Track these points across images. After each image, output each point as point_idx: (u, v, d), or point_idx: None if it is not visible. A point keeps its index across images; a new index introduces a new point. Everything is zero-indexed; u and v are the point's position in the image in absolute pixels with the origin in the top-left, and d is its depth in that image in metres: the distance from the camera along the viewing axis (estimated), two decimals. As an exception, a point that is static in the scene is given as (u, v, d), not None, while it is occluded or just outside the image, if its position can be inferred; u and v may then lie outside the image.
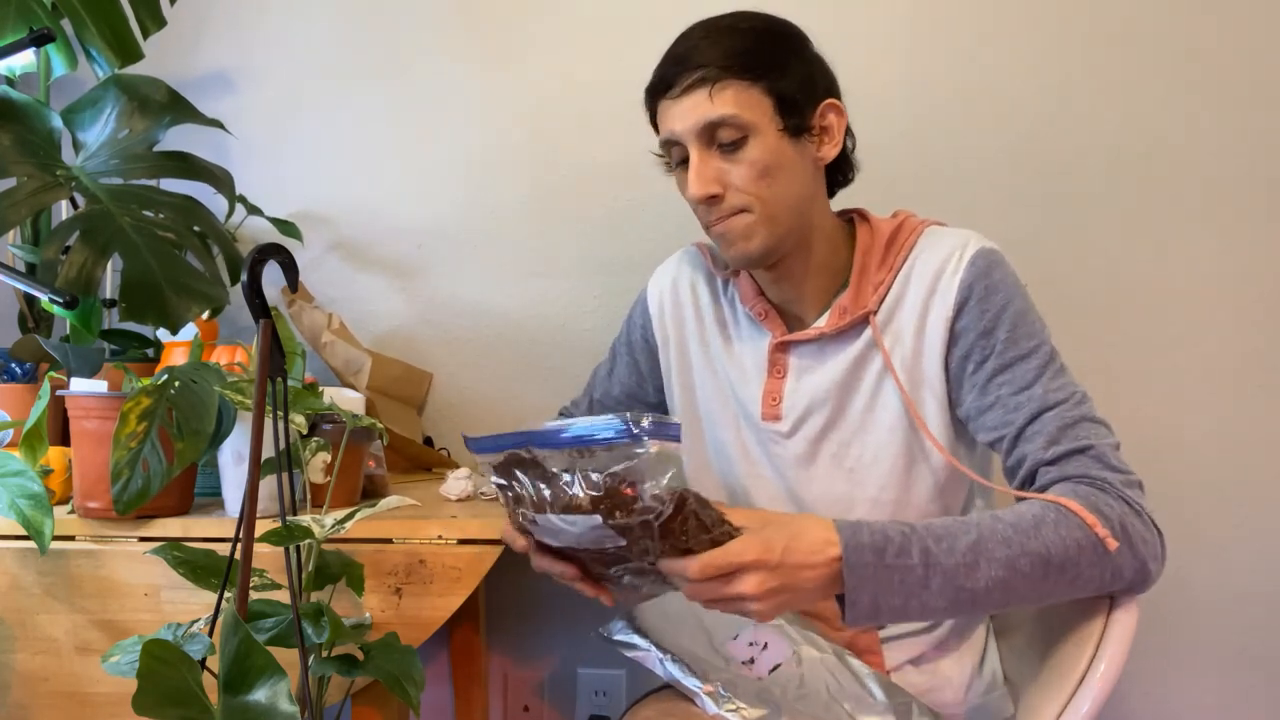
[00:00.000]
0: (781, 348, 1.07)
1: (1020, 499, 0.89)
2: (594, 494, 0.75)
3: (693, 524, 0.78)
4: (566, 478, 0.76)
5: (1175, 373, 1.48)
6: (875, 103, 1.05)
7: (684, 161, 1.00)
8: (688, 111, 0.97)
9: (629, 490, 0.74)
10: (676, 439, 0.75)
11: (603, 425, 0.74)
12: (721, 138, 0.96)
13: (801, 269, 1.04)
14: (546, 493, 0.78)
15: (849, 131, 1.04)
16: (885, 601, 0.82)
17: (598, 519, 0.76)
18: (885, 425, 1.02)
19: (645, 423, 0.73)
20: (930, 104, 1.52)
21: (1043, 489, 0.90)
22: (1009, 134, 1.51)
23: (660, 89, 1.00)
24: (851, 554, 0.81)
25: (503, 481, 0.82)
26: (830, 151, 1.02)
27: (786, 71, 0.98)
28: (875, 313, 1.01)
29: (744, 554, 0.79)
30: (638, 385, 1.22)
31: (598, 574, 0.89)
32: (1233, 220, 1.47)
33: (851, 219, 1.09)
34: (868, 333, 1.02)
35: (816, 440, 1.05)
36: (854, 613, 0.82)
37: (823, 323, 1.04)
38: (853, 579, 0.81)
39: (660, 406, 1.22)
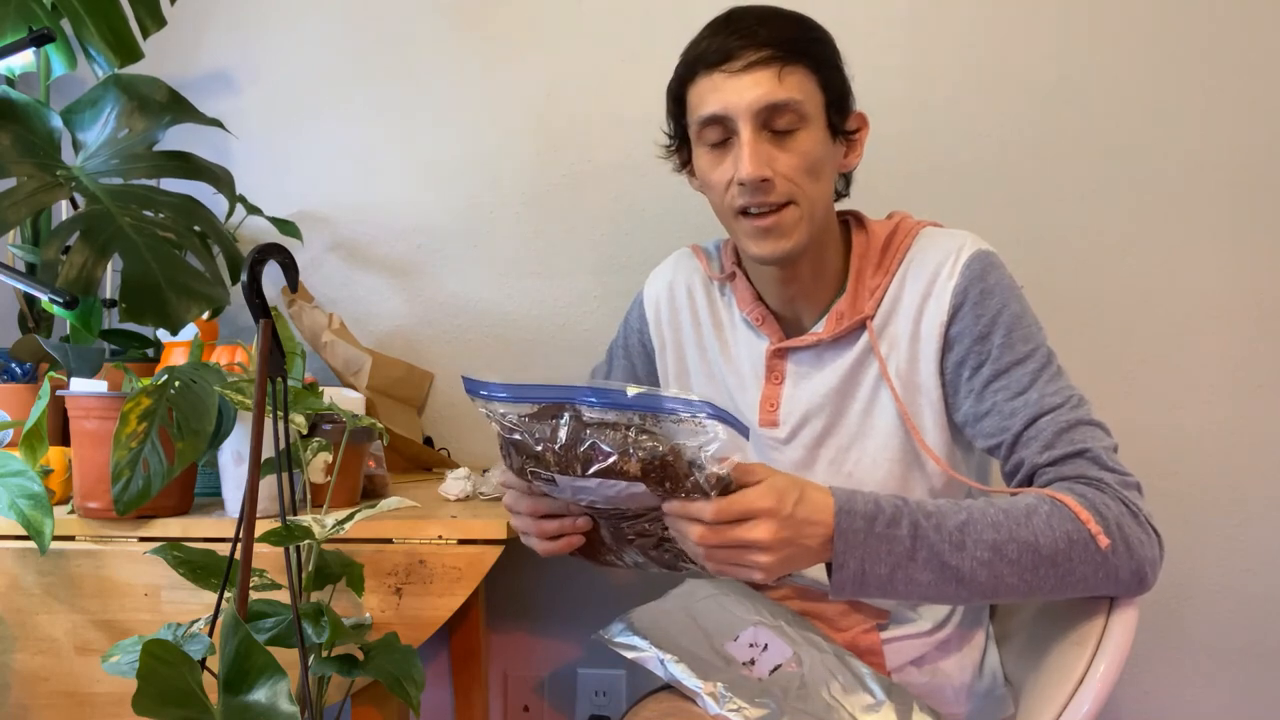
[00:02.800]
0: (779, 354, 1.06)
1: (1016, 494, 0.89)
2: (646, 461, 0.74)
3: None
4: (616, 440, 0.74)
5: (1175, 373, 1.48)
6: (875, 102, 1.05)
7: (718, 143, 0.97)
8: (750, 88, 0.92)
9: (686, 467, 0.74)
10: (745, 434, 0.77)
11: (677, 399, 0.73)
12: (778, 123, 0.94)
13: (810, 272, 1.03)
14: (583, 450, 0.75)
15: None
16: (871, 569, 0.82)
17: (641, 487, 0.75)
18: (883, 431, 1.01)
19: (717, 409, 0.73)
20: (929, 103, 1.52)
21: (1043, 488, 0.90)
22: (1008, 134, 1.51)
23: (714, 60, 0.94)
24: (843, 519, 0.82)
25: (520, 436, 0.79)
26: (853, 160, 1.02)
27: (837, 71, 0.98)
28: (872, 318, 1.01)
29: (761, 500, 0.79)
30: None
31: (598, 539, 0.89)
32: (1232, 220, 1.47)
33: (846, 222, 1.08)
34: (864, 338, 1.01)
35: (814, 446, 1.04)
36: (840, 576, 0.83)
37: (820, 328, 1.03)
38: (841, 543, 0.82)
39: (657, 409, 1.22)
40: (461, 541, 1.07)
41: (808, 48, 0.95)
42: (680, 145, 1.05)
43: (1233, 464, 1.47)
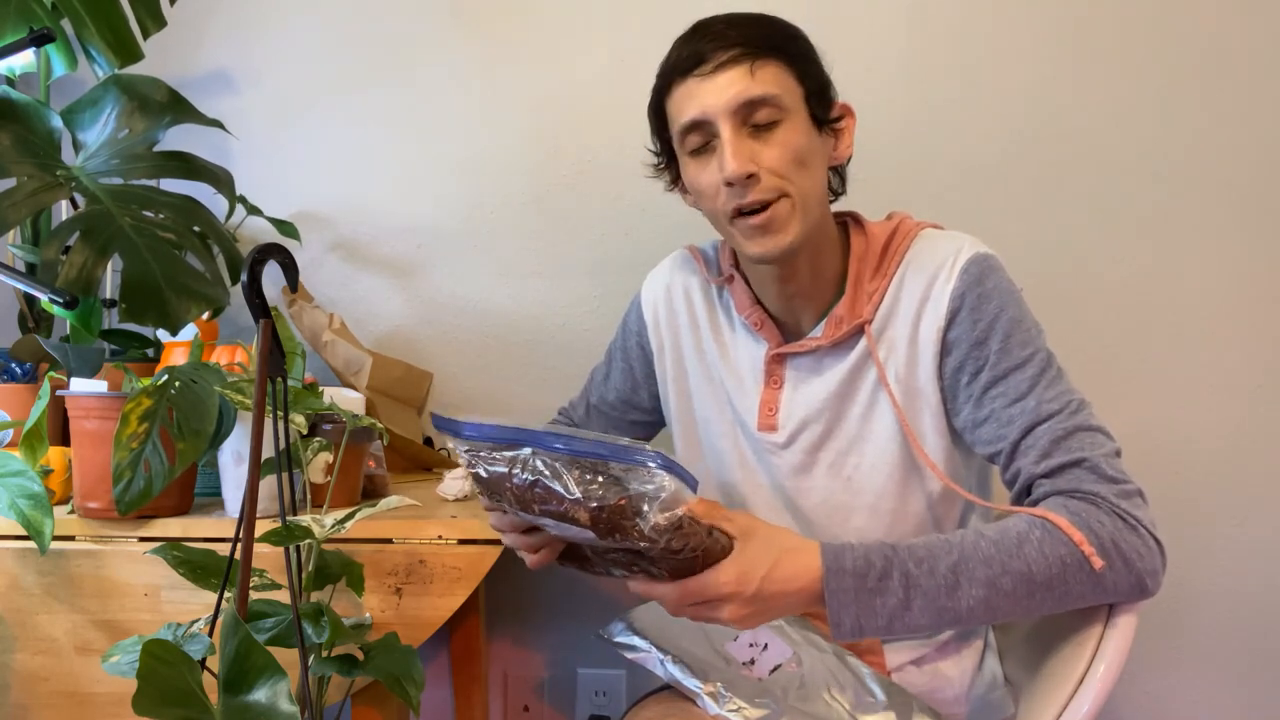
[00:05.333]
0: (777, 359, 1.05)
1: (1009, 513, 0.88)
2: (594, 511, 0.75)
3: (682, 546, 0.78)
4: (568, 486, 0.76)
5: (1175, 373, 1.49)
6: (874, 103, 1.05)
7: (701, 149, 0.96)
8: (724, 88, 0.92)
9: (631, 517, 0.74)
10: (693, 487, 0.77)
11: (626, 447, 0.74)
12: (758, 118, 0.93)
13: (808, 272, 1.02)
14: (538, 492, 0.77)
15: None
16: (868, 623, 0.83)
17: (591, 534, 0.77)
18: (882, 435, 1.00)
19: (667, 460, 0.74)
20: (929, 104, 1.52)
21: (1037, 502, 0.89)
22: (1009, 135, 1.51)
23: (687, 67, 0.95)
24: (833, 579, 0.82)
25: (481, 471, 0.81)
26: (844, 152, 1.01)
27: (814, 63, 0.98)
28: (870, 322, 1.00)
29: (722, 587, 0.80)
30: (632, 391, 1.22)
31: (584, 552, 0.90)
32: (1232, 221, 1.48)
33: (845, 223, 1.07)
34: (863, 343, 1.00)
35: (812, 450, 1.04)
36: (838, 632, 0.83)
37: (819, 334, 1.03)
38: (834, 603, 0.82)
39: (655, 412, 1.21)
40: (461, 541, 1.07)
41: (778, 42, 0.95)
42: (669, 163, 1.05)
43: (1233, 464, 1.47)
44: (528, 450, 0.78)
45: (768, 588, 0.81)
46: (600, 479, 0.75)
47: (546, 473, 0.76)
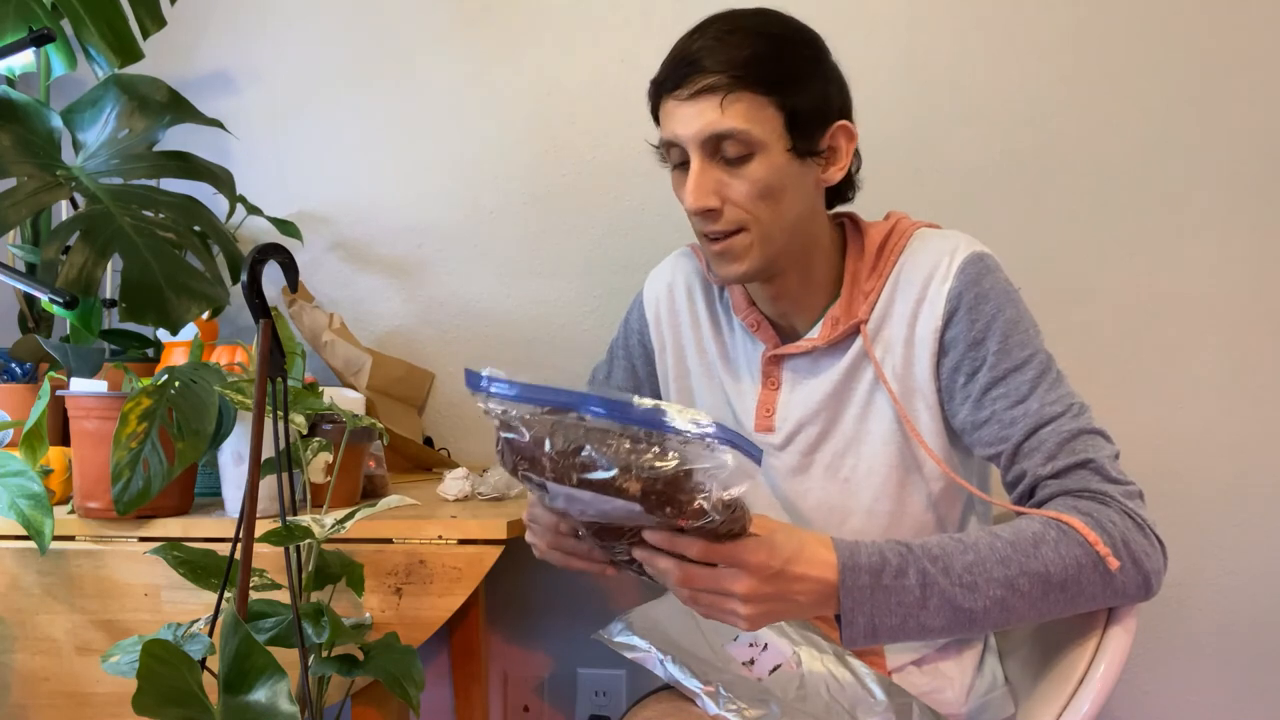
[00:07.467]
0: (775, 360, 1.05)
1: (1020, 514, 0.88)
2: (648, 482, 0.69)
3: (727, 531, 0.75)
4: (617, 455, 0.69)
5: (1175, 373, 1.48)
6: (874, 102, 1.05)
7: (683, 164, 0.96)
8: (694, 117, 0.91)
9: (689, 491, 0.70)
10: (757, 460, 0.71)
11: (687, 420, 0.68)
12: (726, 151, 0.92)
13: (798, 283, 1.02)
14: (581, 460, 0.71)
15: (856, 153, 1.00)
16: (882, 622, 0.81)
17: (638, 508, 0.71)
18: (879, 436, 1.00)
19: (729, 433, 0.69)
20: (929, 104, 1.52)
21: (1042, 503, 0.89)
22: (1008, 135, 1.51)
23: (669, 86, 0.94)
24: (848, 575, 0.80)
25: (516, 436, 0.73)
26: (835, 175, 0.98)
27: (803, 87, 0.93)
28: (866, 322, 1.00)
29: (751, 554, 0.76)
30: (634, 389, 1.21)
31: (590, 541, 0.86)
32: (1232, 222, 1.47)
33: (842, 224, 1.07)
34: (859, 342, 1.00)
35: (810, 452, 1.03)
36: (851, 632, 0.81)
37: (815, 334, 1.02)
38: (849, 600, 0.80)
39: (656, 411, 1.21)
40: (461, 541, 1.07)
41: (760, 70, 0.91)
42: None
43: (1233, 464, 1.47)
44: (573, 415, 0.72)
45: (791, 569, 0.78)
46: (655, 449, 0.69)
47: (595, 439, 0.70)
